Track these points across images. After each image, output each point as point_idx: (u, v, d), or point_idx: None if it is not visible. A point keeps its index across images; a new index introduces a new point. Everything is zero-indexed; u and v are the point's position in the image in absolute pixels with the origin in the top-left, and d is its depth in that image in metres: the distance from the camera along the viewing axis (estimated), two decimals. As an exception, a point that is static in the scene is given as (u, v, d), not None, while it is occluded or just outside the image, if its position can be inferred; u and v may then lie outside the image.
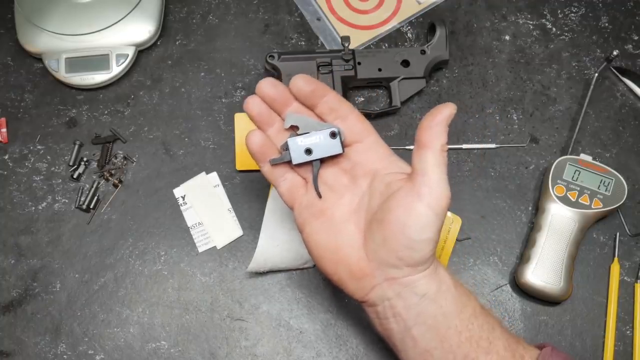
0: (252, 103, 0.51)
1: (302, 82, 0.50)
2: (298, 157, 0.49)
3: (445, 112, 0.46)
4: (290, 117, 0.50)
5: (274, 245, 0.62)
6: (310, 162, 0.50)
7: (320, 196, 0.50)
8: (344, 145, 0.49)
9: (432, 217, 0.45)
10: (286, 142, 0.49)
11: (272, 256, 0.62)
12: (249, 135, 0.50)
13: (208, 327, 0.63)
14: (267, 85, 0.50)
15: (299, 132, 0.50)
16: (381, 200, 0.48)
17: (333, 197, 0.50)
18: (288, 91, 0.51)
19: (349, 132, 0.50)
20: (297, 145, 0.49)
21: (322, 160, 0.50)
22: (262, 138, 0.50)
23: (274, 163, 0.50)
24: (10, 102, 0.70)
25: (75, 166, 0.67)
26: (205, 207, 0.66)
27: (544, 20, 0.73)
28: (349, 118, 0.50)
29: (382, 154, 0.50)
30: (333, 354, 0.62)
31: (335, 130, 0.49)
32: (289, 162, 0.50)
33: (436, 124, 0.46)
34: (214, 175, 0.67)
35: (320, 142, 0.49)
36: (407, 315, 0.47)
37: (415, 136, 0.47)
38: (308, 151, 0.49)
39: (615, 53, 0.68)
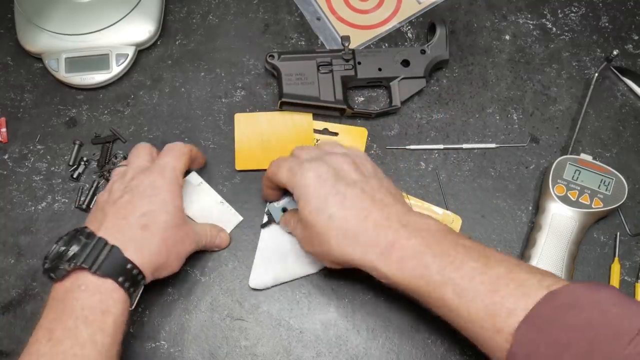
0: None
1: None
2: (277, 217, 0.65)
3: None
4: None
5: (272, 261, 0.64)
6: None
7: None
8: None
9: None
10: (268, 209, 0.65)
11: (273, 271, 0.64)
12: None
13: (208, 327, 0.63)
14: None
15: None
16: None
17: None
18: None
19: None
20: (275, 208, 0.64)
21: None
22: None
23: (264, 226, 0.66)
24: (10, 102, 0.70)
25: (75, 166, 0.67)
26: (196, 207, 0.65)
27: (544, 20, 0.73)
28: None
29: None
30: (333, 354, 0.62)
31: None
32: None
33: None
34: (193, 176, 0.66)
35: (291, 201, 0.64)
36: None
37: None
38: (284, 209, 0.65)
39: (615, 53, 0.68)
